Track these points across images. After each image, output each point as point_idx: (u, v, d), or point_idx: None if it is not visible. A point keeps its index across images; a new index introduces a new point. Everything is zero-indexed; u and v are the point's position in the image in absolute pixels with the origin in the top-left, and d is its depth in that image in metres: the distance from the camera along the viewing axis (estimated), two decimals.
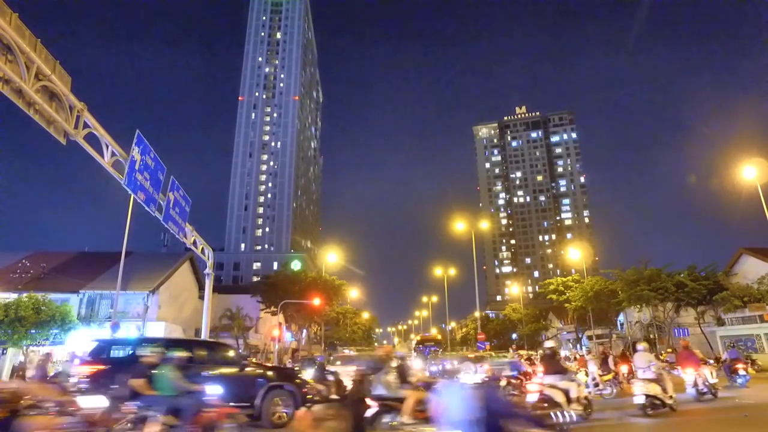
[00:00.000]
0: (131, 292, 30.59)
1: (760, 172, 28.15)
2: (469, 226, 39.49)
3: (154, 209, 15.80)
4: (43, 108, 10.62)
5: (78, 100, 11.63)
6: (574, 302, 44.87)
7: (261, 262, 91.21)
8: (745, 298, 31.95)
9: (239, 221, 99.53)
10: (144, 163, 14.68)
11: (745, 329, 32.02)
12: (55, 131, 11.30)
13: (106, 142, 13.16)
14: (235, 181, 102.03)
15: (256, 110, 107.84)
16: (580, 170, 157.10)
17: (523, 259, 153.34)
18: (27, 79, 9.84)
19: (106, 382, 9.35)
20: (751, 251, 37.25)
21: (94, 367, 10.21)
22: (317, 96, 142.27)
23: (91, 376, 9.86)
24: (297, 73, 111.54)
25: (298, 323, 43.98)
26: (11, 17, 9.09)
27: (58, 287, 30.42)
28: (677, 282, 34.83)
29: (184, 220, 19.04)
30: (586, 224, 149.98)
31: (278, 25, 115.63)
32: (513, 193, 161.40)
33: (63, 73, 10.99)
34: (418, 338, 63.66)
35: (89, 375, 9.91)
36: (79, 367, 10.57)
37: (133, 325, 29.05)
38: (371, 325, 76.47)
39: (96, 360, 10.65)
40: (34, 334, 25.13)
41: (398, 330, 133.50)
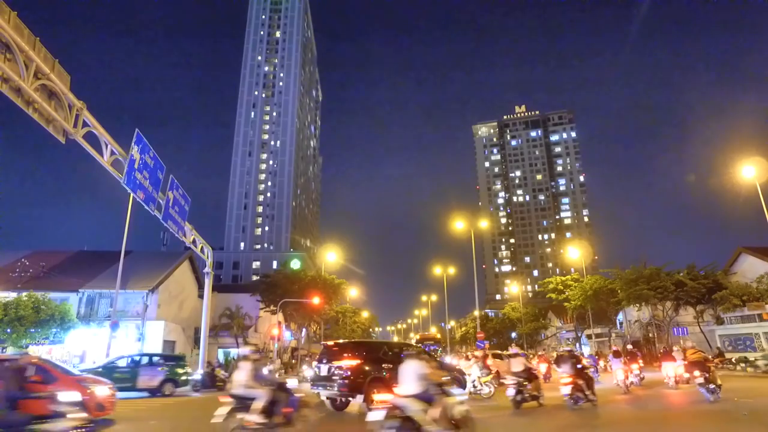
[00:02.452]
0: (131, 291, 30.59)
1: (760, 171, 28.18)
2: (469, 225, 39.45)
3: (153, 208, 15.80)
4: (42, 107, 10.61)
5: (77, 99, 11.62)
6: (574, 301, 44.90)
7: (260, 261, 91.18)
8: (744, 297, 32.00)
9: (238, 220, 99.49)
10: (143, 162, 14.67)
11: (744, 328, 32.11)
12: (55, 130, 11.29)
13: (105, 141, 13.15)
14: (234, 180, 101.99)
15: (256, 109, 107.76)
16: (579, 169, 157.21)
17: (523, 258, 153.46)
18: (26, 78, 9.83)
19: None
20: (750, 250, 37.32)
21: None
22: (316, 95, 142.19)
23: None
24: (296, 72, 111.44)
25: (298, 322, 43.98)
26: (10, 16, 9.08)
27: (58, 286, 30.41)
28: (676, 281, 34.88)
29: (183, 218, 19.05)
30: (586, 223, 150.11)
31: (278, 23, 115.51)
32: (512, 192, 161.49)
33: (62, 71, 10.98)
34: (417, 337, 63.73)
35: None
36: None
37: (133, 324, 29.07)
38: (371, 324, 76.50)
39: None
40: (34, 333, 25.14)
41: (398, 329, 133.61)
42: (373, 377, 12.09)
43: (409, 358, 7.73)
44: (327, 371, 12.69)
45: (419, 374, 7.44)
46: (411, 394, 7.29)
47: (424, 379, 7.39)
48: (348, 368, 12.02)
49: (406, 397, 7.28)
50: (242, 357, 9.08)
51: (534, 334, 61.97)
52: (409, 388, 7.35)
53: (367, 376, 12.02)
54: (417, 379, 7.38)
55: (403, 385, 7.54)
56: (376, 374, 12.23)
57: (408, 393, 7.31)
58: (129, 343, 28.16)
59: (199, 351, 26.86)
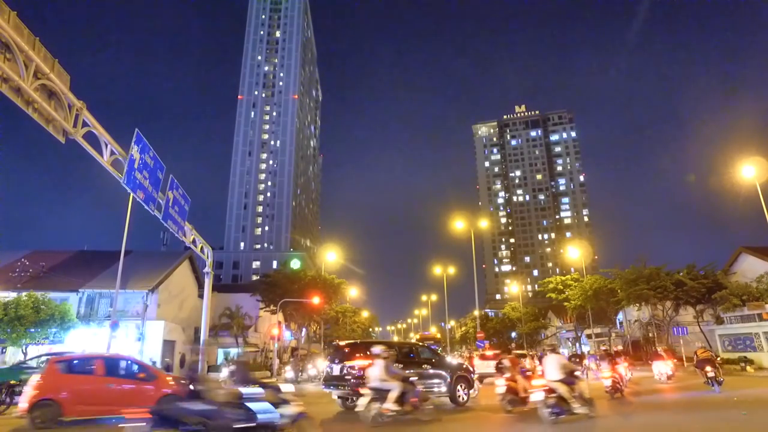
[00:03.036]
0: (130, 290, 30.59)
1: (759, 171, 28.17)
2: (469, 225, 39.46)
3: (153, 208, 15.78)
4: (42, 106, 10.59)
5: (77, 99, 11.60)
6: (574, 301, 44.89)
7: (260, 260, 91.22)
8: (743, 296, 31.97)
9: (238, 220, 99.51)
10: (143, 162, 14.66)
11: (744, 328, 32.06)
12: (54, 130, 11.27)
13: (105, 141, 13.13)
14: (234, 180, 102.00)
15: (256, 109, 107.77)
16: (579, 169, 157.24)
17: (523, 257, 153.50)
18: (26, 78, 9.81)
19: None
20: (750, 250, 37.29)
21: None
22: (316, 95, 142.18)
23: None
24: (296, 72, 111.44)
25: (298, 322, 43.97)
26: (10, 15, 9.07)
27: (58, 286, 30.42)
28: (676, 281, 34.86)
29: (183, 218, 19.03)
30: (586, 223, 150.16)
31: (277, 23, 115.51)
32: (512, 191, 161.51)
33: (62, 71, 10.97)
34: (417, 337, 63.75)
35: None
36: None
37: (133, 324, 29.06)
38: (371, 323, 76.51)
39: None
40: (34, 333, 25.13)
41: (397, 329, 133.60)
42: None
43: (551, 353, 10.76)
44: (340, 371, 12.90)
45: (561, 364, 10.31)
46: (558, 379, 10.08)
47: (564, 368, 10.26)
48: (361, 368, 12.22)
49: (555, 381, 10.07)
50: (377, 355, 10.96)
51: (534, 334, 61.97)
52: (555, 375, 10.14)
53: None
54: (559, 368, 10.18)
55: (549, 373, 10.33)
56: None
57: (555, 378, 10.08)
58: (129, 343, 28.15)
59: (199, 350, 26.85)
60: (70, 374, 11.78)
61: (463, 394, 13.96)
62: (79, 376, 11.79)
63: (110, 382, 11.74)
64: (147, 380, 12.18)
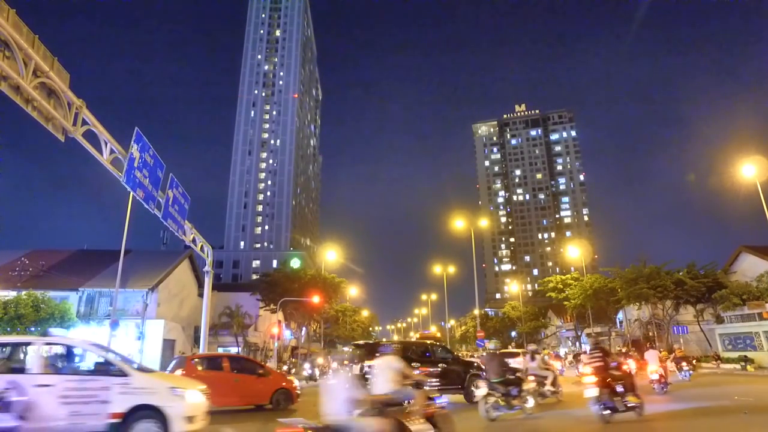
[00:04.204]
0: (130, 289, 30.56)
1: (760, 170, 28.14)
2: (469, 224, 39.44)
3: (153, 207, 15.76)
4: (42, 105, 10.57)
5: (76, 97, 11.58)
6: (574, 300, 44.88)
7: (260, 260, 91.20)
8: (744, 296, 31.94)
9: (238, 219, 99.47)
10: (143, 161, 14.64)
11: (744, 327, 32.04)
12: (54, 128, 11.25)
13: (105, 140, 13.11)
14: (234, 179, 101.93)
15: (256, 108, 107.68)
16: (579, 168, 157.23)
17: (523, 257, 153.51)
18: (25, 76, 9.79)
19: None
20: (750, 249, 37.27)
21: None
22: (316, 94, 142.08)
23: None
24: (296, 71, 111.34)
25: (298, 321, 43.97)
26: (9, 13, 9.05)
27: (58, 285, 30.38)
28: (676, 280, 34.83)
29: (183, 217, 19.02)
30: (586, 222, 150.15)
31: (277, 22, 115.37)
32: (512, 191, 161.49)
33: (61, 69, 10.95)
34: (417, 336, 63.73)
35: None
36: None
37: (133, 323, 29.03)
38: (370, 323, 76.56)
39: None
40: (34, 332, 25.09)
41: (397, 328, 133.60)
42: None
43: (650, 348, 12.68)
44: (360, 371, 13.06)
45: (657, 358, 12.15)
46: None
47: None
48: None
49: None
50: (530, 351, 13.44)
51: (534, 333, 62.02)
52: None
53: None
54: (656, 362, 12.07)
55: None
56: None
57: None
58: (129, 342, 28.13)
59: (199, 350, 26.84)
60: (205, 370, 13.45)
61: (477, 393, 14.10)
62: (211, 371, 13.53)
63: (236, 377, 13.68)
64: (263, 376, 14.18)
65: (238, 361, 15.80)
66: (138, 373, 7.98)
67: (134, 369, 8.07)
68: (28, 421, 6.50)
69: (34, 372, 7.12)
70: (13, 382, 6.73)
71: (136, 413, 7.29)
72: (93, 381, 7.41)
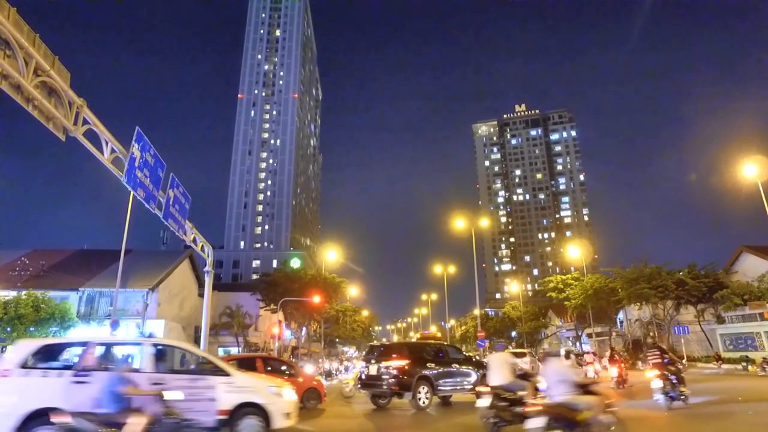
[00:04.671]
0: (131, 289, 30.52)
1: (761, 170, 28.09)
2: (469, 224, 39.39)
3: (153, 206, 15.70)
4: (42, 104, 10.51)
5: (77, 96, 11.52)
6: (574, 300, 44.80)
7: (260, 259, 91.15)
8: (745, 296, 31.91)
9: (238, 219, 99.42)
10: (144, 160, 14.58)
11: (745, 327, 32.03)
12: (54, 127, 11.19)
13: (105, 139, 13.04)
14: (234, 179, 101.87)
15: (256, 108, 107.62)
16: (579, 168, 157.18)
17: (523, 256, 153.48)
18: (26, 75, 9.73)
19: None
20: (751, 249, 37.23)
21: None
22: (316, 93, 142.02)
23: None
24: (296, 71, 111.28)
25: (298, 321, 43.92)
26: (9, 12, 9.00)
27: (58, 285, 30.34)
28: (677, 280, 34.76)
29: (184, 217, 18.95)
30: (586, 222, 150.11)
31: (278, 22, 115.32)
32: (512, 190, 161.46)
33: (62, 68, 10.89)
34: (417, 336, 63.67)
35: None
36: None
37: (133, 323, 28.98)
38: (371, 322, 76.50)
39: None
40: (34, 332, 25.04)
41: (397, 328, 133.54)
42: (419, 375, 12.99)
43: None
44: (376, 371, 13.55)
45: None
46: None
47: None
48: (397, 368, 12.88)
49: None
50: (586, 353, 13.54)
51: (534, 333, 61.96)
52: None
53: (415, 375, 12.91)
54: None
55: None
56: (422, 372, 13.13)
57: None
58: None
59: None
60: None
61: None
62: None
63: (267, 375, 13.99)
64: (294, 376, 14.25)
65: (271, 361, 16.13)
66: (238, 372, 8.41)
67: (234, 369, 8.49)
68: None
69: (147, 371, 7.41)
70: (131, 380, 7.12)
71: (241, 410, 7.69)
72: (201, 380, 7.76)
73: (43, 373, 7.12)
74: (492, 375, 9.03)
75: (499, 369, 8.98)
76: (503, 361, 9.18)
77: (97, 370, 7.16)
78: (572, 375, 6.77)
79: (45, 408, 6.60)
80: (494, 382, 8.87)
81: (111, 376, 6.38)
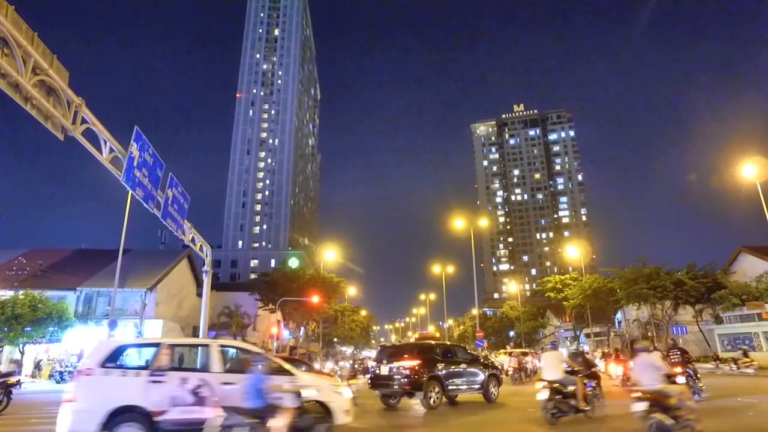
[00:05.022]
0: (129, 289, 30.44)
1: (760, 171, 28.12)
2: (468, 224, 39.37)
3: (152, 206, 15.65)
4: (41, 103, 10.46)
5: (76, 95, 11.47)
6: (572, 300, 44.85)
7: (258, 259, 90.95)
8: (743, 296, 31.94)
9: (237, 218, 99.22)
10: (142, 160, 14.53)
11: (743, 327, 32.09)
12: (53, 127, 11.13)
13: (104, 138, 12.99)
14: (232, 179, 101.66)
15: (254, 107, 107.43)
16: (578, 168, 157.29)
17: (521, 256, 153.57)
18: (24, 74, 9.68)
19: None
20: (749, 249, 37.28)
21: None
22: (315, 93, 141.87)
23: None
24: (295, 71, 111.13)
25: (296, 321, 43.87)
26: (7, 10, 8.94)
27: (55, 284, 30.26)
28: (676, 280, 34.79)
29: (182, 217, 18.90)
30: (584, 222, 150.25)
31: (276, 22, 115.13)
32: (511, 190, 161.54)
33: (60, 67, 10.84)
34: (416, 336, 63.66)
35: None
36: None
37: (131, 323, 28.91)
38: (369, 322, 76.47)
39: None
40: (31, 332, 24.97)
41: (396, 328, 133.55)
42: (430, 375, 13.18)
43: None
44: (388, 371, 13.73)
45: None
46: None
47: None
48: (409, 368, 13.10)
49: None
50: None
51: (532, 333, 62.02)
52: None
53: (426, 375, 13.09)
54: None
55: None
56: (433, 372, 13.33)
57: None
58: None
59: None
60: None
61: (494, 391, 14.84)
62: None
63: None
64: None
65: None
66: (300, 372, 8.89)
67: (296, 369, 8.91)
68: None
69: (216, 371, 7.69)
70: (204, 379, 7.43)
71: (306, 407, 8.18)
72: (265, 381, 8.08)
73: (122, 373, 7.43)
74: (546, 371, 10.11)
75: (552, 365, 10.05)
76: (555, 358, 10.27)
77: (169, 370, 7.47)
78: (661, 367, 7.56)
79: (127, 405, 6.95)
80: (550, 377, 9.86)
81: (256, 375, 6.87)
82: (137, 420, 6.87)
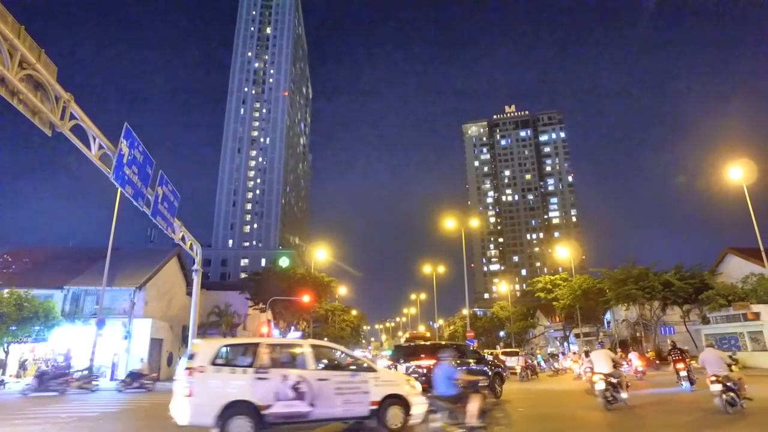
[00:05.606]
0: (117, 288, 30.07)
1: (747, 173, 28.53)
2: (459, 224, 39.47)
3: (142, 204, 15.47)
4: (28, 98, 10.27)
5: (65, 91, 11.29)
6: (562, 300, 45.14)
7: (249, 258, 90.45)
8: (729, 297, 32.36)
9: (227, 217, 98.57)
10: (132, 157, 14.35)
11: (729, 327, 32.47)
12: (41, 122, 10.94)
13: (93, 135, 12.80)
14: (223, 177, 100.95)
15: (245, 105, 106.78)
16: (568, 169, 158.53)
17: (511, 257, 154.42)
18: (10, 68, 9.50)
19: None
20: (736, 251, 37.76)
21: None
22: (306, 92, 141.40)
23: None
24: (287, 69, 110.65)
25: (287, 320, 43.69)
26: None
27: (42, 283, 29.78)
28: (664, 281, 35.17)
29: (172, 215, 18.72)
30: (574, 223, 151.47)
31: (268, 20, 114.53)
32: (501, 191, 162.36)
33: (48, 62, 10.66)
34: (406, 336, 63.71)
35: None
36: None
37: (119, 322, 28.56)
38: (359, 322, 76.40)
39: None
40: (16, 331, 24.55)
41: (386, 327, 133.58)
42: None
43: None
44: (406, 370, 14.18)
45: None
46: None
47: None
48: (426, 367, 13.70)
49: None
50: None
51: (522, 333, 62.33)
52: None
53: None
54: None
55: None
56: None
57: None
58: (115, 341, 27.67)
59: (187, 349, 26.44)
60: None
61: (499, 388, 15.73)
62: None
63: None
64: None
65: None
66: (381, 369, 9.87)
67: (377, 366, 9.85)
68: (316, 407, 8.04)
69: (311, 368, 8.40)
70: (302, 376, 8.14)
71: (387, 400, 8.82)
72: (357, 376, 8.85)
73: (231, 370, 8.00)
74: (598, 365, 12.10)
75: (603, 361, 12.05)
76: (605, 355, 12.32)
77: (272, 367, 8.08)
78: (726, 359, 10.64)
79: (238, 400, 7.59)
80: (603, 370, 11.84)
81: (447, 367, 7.92)
82: (247, 413, 7.48)
